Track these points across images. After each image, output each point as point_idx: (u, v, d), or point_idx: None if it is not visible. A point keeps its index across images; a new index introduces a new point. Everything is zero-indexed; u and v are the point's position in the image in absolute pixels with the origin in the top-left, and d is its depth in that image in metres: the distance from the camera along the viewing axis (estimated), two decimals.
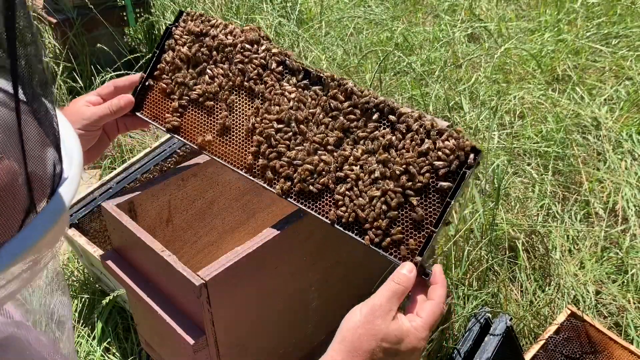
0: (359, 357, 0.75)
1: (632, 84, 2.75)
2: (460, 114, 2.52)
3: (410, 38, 3.15)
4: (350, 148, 0.88)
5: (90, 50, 2.96)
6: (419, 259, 0.81)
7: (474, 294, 1.72)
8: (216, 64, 1.00)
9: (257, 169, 0.94)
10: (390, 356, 0.75)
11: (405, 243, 0.82)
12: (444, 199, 0.81)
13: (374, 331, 0.75)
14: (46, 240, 0.42)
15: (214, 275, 0.86)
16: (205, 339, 0.91)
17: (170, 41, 1.04)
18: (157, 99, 1.03)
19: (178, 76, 1.02)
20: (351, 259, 1.15)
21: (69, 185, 0.45)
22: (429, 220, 0.81)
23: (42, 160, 0.42)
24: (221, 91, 0.98)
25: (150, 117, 1.03)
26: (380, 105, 0.87)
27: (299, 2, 3.35)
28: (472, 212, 1.96)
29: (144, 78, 1.04)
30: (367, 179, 0.85)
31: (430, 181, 0.82)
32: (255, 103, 0.95)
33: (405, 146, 0.84)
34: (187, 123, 1.01)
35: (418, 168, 0.83)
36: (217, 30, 1.01)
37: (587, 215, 2.14)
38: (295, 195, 0.90)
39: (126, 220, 0.97)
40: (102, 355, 1.69)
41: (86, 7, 2.84)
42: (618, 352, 1.55)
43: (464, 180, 0.80)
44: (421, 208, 0.82)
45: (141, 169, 1.84)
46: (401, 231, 0.83)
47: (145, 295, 0.97)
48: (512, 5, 3.66)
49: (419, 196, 0.82)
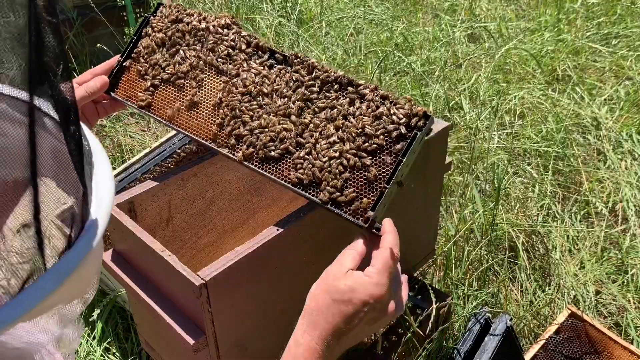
0: (320, 323, 0.75)
1: (632, 84, 2.75)
2: (460, 114, 2.52)
3: (410, 38, 3.15)
4: (310, 117, 0.94)
5: (90, 50, 2.96)
6: (370, 214, 0.85)
7: (474, 294, 1.72)
8: (188, 46, 1.06)
9: (221, 138, 0.99)
10: (350, 311, 0.75)
11: (359, 201, 0.87)
12: (396, 158, 0.87)
13: (326, 287, 0.77)
14: (59, 297, 0.39)
15: (214, 275, 0.86)
16: (205, 339, 0.91)
17: (147, 29, 1.10)
18: (132, 80, 1.09)
19: (152, 59, 1.07)
20: None
21: (86, 242, 0.40)
22: (381, 178, 0.87)
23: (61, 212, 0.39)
24: (192, 70, 1.04)
25: (124, 97, 1.08)
26: (339, 78, 0.94)
27: (299, 2, 3.35)
28: (472, 212, 1.96)
29: (120, 60, 1.09)
30: (324, 142, 0.91)
31: (385, 142, 0.88)
32: (222, 79, 1.01)
33: (362, 112, 0.91)
34: (158, 100, 1.06)
35: (373, 130, 0.89)
36: (191, 18, 1.08)
37: (587, 215, 2.14)
38: (258, 162, 0.95)
39: (126, 220, 0.97)
40: (102, 355, 1.69)
41: (86, 7, 2.84)
42: (618, 352, 1.55)
43: (415, 140, 0.87)
44: (374, 168, 0.88)
45: (141, 169, 1.84)
46: (355, 190, 0.88)
47: (145, 295, 0.97)
48: (512, 5, 3.66)
49: (373, 157, 0.88)
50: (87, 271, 0.41)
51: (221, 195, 1.22)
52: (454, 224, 1.94)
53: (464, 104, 2.52)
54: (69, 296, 0.42)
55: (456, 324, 1.64)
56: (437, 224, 1.41)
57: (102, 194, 0.43)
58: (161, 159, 1.87)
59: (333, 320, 0.75)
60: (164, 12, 1.11)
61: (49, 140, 0.39)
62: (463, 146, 2.34)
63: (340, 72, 0.95)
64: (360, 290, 0.75)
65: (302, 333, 0.77)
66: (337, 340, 0.76)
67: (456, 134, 2.40)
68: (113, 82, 1.09)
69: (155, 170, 1.86)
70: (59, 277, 0.37)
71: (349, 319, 0.75)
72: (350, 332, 0.76)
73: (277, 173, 0.93)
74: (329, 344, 0.75)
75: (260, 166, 0.94)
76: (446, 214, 2.04)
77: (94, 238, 0.40)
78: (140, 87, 1.07)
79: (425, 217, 1.32)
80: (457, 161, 2.28)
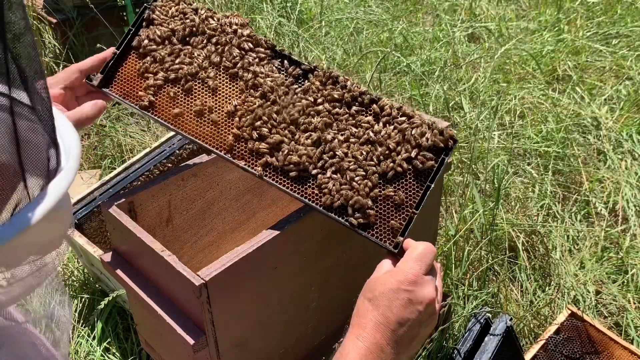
0: (363, 323, 0.74)
1: (632, 84, 2.75)
2: (460, 114, 2.52)
3: (410, 38, 3.15)
4: (334, 133, 0.91)
5: (90, 50, 2.96)
6: (400, 239, 0.84)
7: (474, 294, 1.72)
8: (197, 45, 0.97)
9: (237, 150, 0.93)
10: (389, 301, 0.73)
11: (387, 224, 0.86)
12: (423, 183, 0.86)
13: (367, 289, 0.77)
14: (42, 237, 0.42)
15: (214, 275, 0.86)
16: (205, 339, 0.91)
17: (149, 18, 1.00)
18: (130, 76, 0.98)
19: (155, 54, 0.97)
20: (351, 259, 1.14)
21: (63, 177, 0.44)
22: (409, 202, 0.86)
23: (36, 152, 0.42)
24: (201, 71, 0.96)
25: (121, 94, 0.97)
26: (363, 94, 0.92)
27: (299, 2, 3.35)
28: (472, 212, 1.96)
29: (116, 53, 0.98)
30: (351, 162, 0.88)
31: (411, 167, 0.88)
32: (237, 84, 0.95)
33: (387, 133, 0.89)
34: (162, 101, 0.96)
35: (400, 152, 0.87)
36: (198, 13, 0.99)
37: (587, 215, 2.14)
38: (279, 178, 0.91)
39: (126, 220, 0.97)
40: (102, 355, 1.69)
41: (86, 7, 2.84)
42: (618, 352, 1.55)
43: (443, 165, 0.86)
44: (402, 191, 0.87)
45: (141, 169, 1.84)
46: (380, 212, 0.86)
47: (145, 295, 0.97)
48: (512, 5, 3.66)
49: (400, 180, 0.87)
50: (60, 216, 0.44)
51: (221, 195, 1.22)
52: (454, 224, 1.94)
53: (464, 104, 2.52)
54: (53, 236, 0.44)
55: (456, 324, 1.64)
56: (437, 224, 1.41)
57: (67, 144, 0.47)
58: (161, 159, 1.87)
59: (396, 310, 0.73)
60: (165, 3, 1.01)
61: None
62: (463, 146, 2.34)
63: (363, 88, 0.93)
64: (393, 277, 0.75)
65: (356, 337, 0.74)
66: (398, 339, 0.73)
67: (456, 134, 2.40)
68: (108, 76, 0.98)
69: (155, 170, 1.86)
70: (43, 207, 0.41)
71: (411, 310, 0.73)
72: (411, 331, 0.74)
73: (300, 191, 0.89)
74: (391, 339, 0.72)
75: (282, 182, 0.90)
76: (446, 214, 2.04)
77: (69, 176, 0.44)
78: (140, 85, 0.97)
79: (425, 217, 1.32)
80: (457, 161, 2.28)
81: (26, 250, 0.42)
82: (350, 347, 0.72)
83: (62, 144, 0.46)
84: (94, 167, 2.43)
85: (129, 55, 0.99)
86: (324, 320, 1.19)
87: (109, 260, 1.05)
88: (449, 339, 1.55)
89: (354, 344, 0.72)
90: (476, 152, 2.20)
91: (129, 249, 1.02)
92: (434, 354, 1.38)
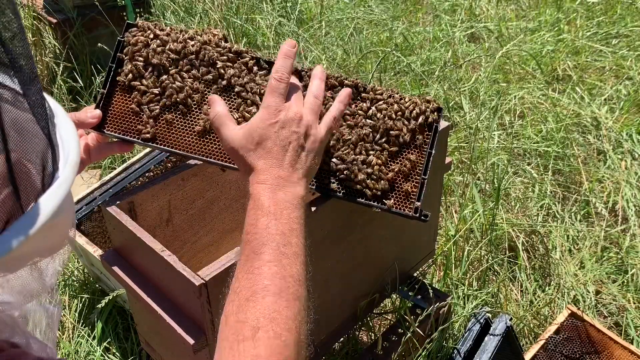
0: (253, 172, 0.79)
1: (632, 84, 2.75)
2: (460, 113, 2.52)
3: (410, 38, 3.15)
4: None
5: (90, 50, 2.96)
6: (418, 204, 0.93)
7: (474, 294, 1.72)
8: (182, 69, 0.96)
9: None
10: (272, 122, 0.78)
11: (401, 191, 0.94)
12: (424, 151, 0.95)
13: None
14: (37, 245, 0.41)
15: (214, 275, 0.86)
16: (205, 339, 0.91)
17: (127, 50, 0.98)
18: (122, 113, 0.96)
19: (142, 86, 0.96)
20: (350, 258, 1.15)
21: (58, 186, 0.43)
22: (416, 171, 0.95)
23: (31, 159, 0.42)
24: (193, 94, 0.95)
25: (120, 131, 0.96)
26: (354, 84, 0.98)
27: (299, 2, 3.35)
28: (472, 212, 1.96)
29: (104, 93, 0.96)
30: (352, 149, 0.94)
31: (409, 139, 0.95)
32: (235, 102, 0.95)
33: (385, 114, 0.96)
34: (162, 130, 0.95)
35: (397, 128, 0.95)
36: (175, 36, 0.97)
37: (587, 215, 2.14)
38: None
39: (126, 220, 0.97)
40: (102, 355, 1.69)
41: (86, 7, 2.84)
42: (618, 352, 1.55)
43: (437, 132, 0.96)
44: (408, 161, 0.95)
45: (141, 169, 1.84)
46: (396, 185, 0.94)
47: (145, 295, 0.97)
48: (512, 5, 3.66)
49: (404, 151, 0.95)
50: (57, 223, 0.43)
51: (221, 195, 1.22)
52: (454, 224, 1.94)
53: (464, 104, 2.52)
54: (50, 243, 0.44)
55: (456, 324, 1.64)
56: (437, 224, 1.41)
57: (67, 150, 0.47)
58: (161, 159, 1.87)
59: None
60: (139, 33, 0.98)
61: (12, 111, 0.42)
62: (463, 146, 2.34)
63: (351, 78, 0.99)
64: (253, 120, 0.80)
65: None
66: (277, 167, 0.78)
67: (456, 134, 2.40)
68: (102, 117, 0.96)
69: (155, 170, 1.86)
70: (35, 220, 0.40)
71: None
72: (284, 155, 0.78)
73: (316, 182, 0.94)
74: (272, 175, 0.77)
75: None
76: (446, 214, 2.04)
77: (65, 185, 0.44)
78: (136, 119, 0.96)
79: None
80: (457, 161, 2.28)
81: (26, 259, 0.42)
82: (258, 195, 0.77)
83: (62, 148, 0.46)
84: (94, 167, 2.43)
85: (115, 91, 0.97)
86: (323, 320, 1.19)
87: (109, 260, 1.05)
88: (448, 339, 1.55)
89: (257, 189, 0.77)
90: (476, 152, 2.20)
91: (129, 249, 1.02)
92: (434, 354, 1.38)
